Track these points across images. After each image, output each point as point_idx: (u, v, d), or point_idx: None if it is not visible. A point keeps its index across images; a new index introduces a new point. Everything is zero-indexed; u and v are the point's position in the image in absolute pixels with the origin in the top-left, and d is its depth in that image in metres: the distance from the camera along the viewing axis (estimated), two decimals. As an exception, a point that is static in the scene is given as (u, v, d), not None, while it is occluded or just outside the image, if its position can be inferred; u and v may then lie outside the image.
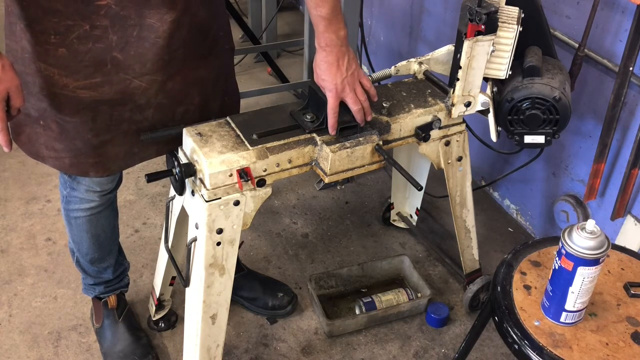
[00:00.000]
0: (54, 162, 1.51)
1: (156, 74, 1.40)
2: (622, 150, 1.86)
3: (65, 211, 1.70)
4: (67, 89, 1.36)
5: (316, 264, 2.22)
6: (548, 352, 1.21)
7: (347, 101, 1.44)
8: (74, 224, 1.70)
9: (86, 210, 1.67)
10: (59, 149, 1.47)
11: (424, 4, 2.64)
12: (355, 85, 1.45)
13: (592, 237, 1.16)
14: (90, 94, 1.37)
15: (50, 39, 1.31)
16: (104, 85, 1.37)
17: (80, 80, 1.36)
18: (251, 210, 1.44)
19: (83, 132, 1.43)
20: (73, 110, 1.39)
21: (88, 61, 1.34)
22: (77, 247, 1.76)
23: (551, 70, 1.64)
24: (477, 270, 2.04)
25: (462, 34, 1.50)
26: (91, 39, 1.32)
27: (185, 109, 1.52)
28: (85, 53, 1.33)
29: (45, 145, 1.48)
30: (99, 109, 1.41)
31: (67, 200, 1.66)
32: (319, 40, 1.41)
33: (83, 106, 1.39)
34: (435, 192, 2.36)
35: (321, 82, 1.43)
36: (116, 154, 1.50)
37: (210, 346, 1.58)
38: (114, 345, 1.84)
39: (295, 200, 2.52)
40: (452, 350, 1.92)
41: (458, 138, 1.69)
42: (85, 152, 1.47)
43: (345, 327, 1.94)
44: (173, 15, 1.34)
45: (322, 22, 1.38)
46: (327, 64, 1.41)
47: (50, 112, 1.41)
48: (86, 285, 1.87)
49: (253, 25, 3.37)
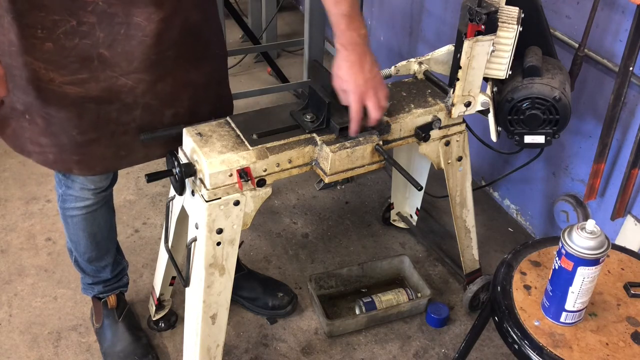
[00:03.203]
0: (38, 157, 1.51)
1: (144, 73, 1.40)
2: (622, 150, 1.86)
3: (62, 210, 1.70)
4: (53, 83, 1.36)
5: (316, 264, 2.22)
6: (548, 352, 1.21)
7: (368, 105, 1.37)
8: (71, 222, 1.71)
9: (82, 208, 1.67)
10: (43, 144, 1.47)
11: (424, 4, 2.64)
12: (379, 88, 1.39)
13: (592, 237, 1.16)
14: (76, 89, 1.37)
15: (37, 33, 1.31)
16: (90, 82, 1.37)
17: (67, 75, 1.35)
18: (251, 210, 1.44)
19: (68, 129, 1.43)
20: (59, 106, 1.39)
21: (74, 57, 1.34)
22: (74, 246, 1.77)
23: (551, 70, 1.64)
24: (477, 270, 2.04)
25: (462, 34, 1.50)
26: (78, 34, 1.31)
27: (175, 111, 1.50)
28: (72, 49, 1.33)
29: (30, 139, 1.48)
30: (86, 106, 1.40)
31: (63, 198, 1.67)
32: (340, 39, 1.34)
33: (69, 102, 1.39)
34: (435, 192, 2.36)
35: (342, 83, 1.37)
36: (102, 154, 1.50)
37: (210, 346, 1.58)
38: (114, 345, 1.84)
39: (295, 200, 2.52)
40: (452, 350, 1.92)
41: (458, 138, 1.69)
42: (69, 149, 1.47)
43: (345, 327, 1.94)
44: (161, 14, 1.33)
45: (343, 20, 1.32)
46: (349, 62, 1.34)
47: (36, 106, 1.41)
48: (85, 285, 1.88)
49: (253, 25, 3.37)
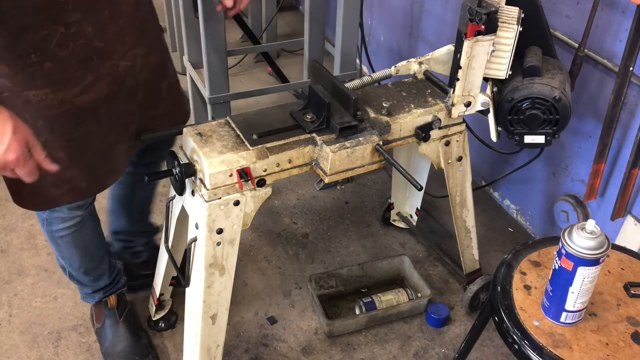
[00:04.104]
0: (69, 195, 1.46)
1: (136, 48, 1.42)
2: (622, 150, 1.86)
3: (49, 233, 1.64)
4: (65, 104, 1.33)
5: (316, 264, 2.22)
6: (548, 352, 1.21)
7: None
8: (61, 242, 1.66)
9: (71, 227, 1.62)
10: (72, 177, 1.43)
11: (424, 4, 2.64)
12: None
13: (592, 237, 1.16)
14: (89, 96, 1.36)
15: (30, 59, 1.26)
16: (97, 83, 1.37)
17: (74, 87, 1.33)
18: (251, 210, 1.44)
19: (93, 140, 1.41)
20: (77, 122, 1.37)
21: (75, 64, 1.32)
22: (67, 262, 1.73)
23: (551, 70, 1.64)
24: (477, 270, 2.04)
25: (462, 34, 1.50)
26: (70, 39, 1.29)
27: (168, 82, 1.56)
28: (70, 56, 1.30)
29: (54, 183, 1.42)
30: (100, 111, 1.41)
31: (49, 222, 1.61)
32: None
33: (85, 113, 1.38)
34: (435, 192, 2.36)
35: None
36: (120, 151, 1.51)
37: (210, 346, 1.58)
38: (115, 345, 1.84)
39: (295, 200, 2.52)
40: (452, 350, 1.92)
41: (458, 138, 1.69)
42: (98, 162, 1.45)
43: (345, 327, 1.94)
44: None
45: None
46: None
47: (52, 140, 1.35)
48: (84, 294, 1.86)
49: (253, 25, 3.37)
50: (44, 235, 1.69)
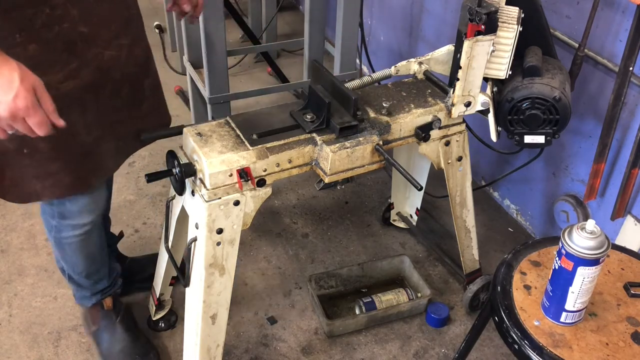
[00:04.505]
0: (52, 190, 1.44)
1: (121, 37, 1.42)
2: (622, 150, 1.86)
3: (57, 239, 1.64)
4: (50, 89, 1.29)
5: (316, 264, 2.22)
6: (548, 352, 1.21)
7: None
8: (68, 249, 1.66)
9: (80, 234, 1.62)
10: (54, 171, 1.42)
11: (424, 4, 2.64)
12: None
13: (592, 237, 1.16)
14: (73, 83, 1.36)
15: (15, 39, 1.26)
16: (82, 69, 1.36)
17: (59, 71, 1.33)
18: (251, 210, 1.44)
19: (78, 132, 1.41)
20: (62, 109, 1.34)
21: (60, 47, 1.32)
22: (69, 266, 1.73)
23: (551, 70, 1.64)
24: (477, 270, 2.04)
25: (462, 34, 1.50)
26: (55, 21, 1.29)
27: (151, 81, 1.57)
28: (55, 38, 1.30)
29: (36, 176, 1.42)
30: (85, 101, 1.40)
31: (58, 229, 1.61)
32: None
33: (70, 100, 1.37)
34: (435, 192, 2.36)
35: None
36: (107, 150, 1.50)
37: (210, 346, 1.58)
38: (113, 346, 1.84)
39: (295, 200, 2.52)
40: (452, 350, 1.92)
41: (458, 138, 1.69)
42: (83, 156, 1.44)
43: (345, 327, 1.94)
44: None
45: None
46: None
47: None
48: (81, 296, 1.84)
49: (253, 25, 3.37)
50: (49, 240, 1.69)
